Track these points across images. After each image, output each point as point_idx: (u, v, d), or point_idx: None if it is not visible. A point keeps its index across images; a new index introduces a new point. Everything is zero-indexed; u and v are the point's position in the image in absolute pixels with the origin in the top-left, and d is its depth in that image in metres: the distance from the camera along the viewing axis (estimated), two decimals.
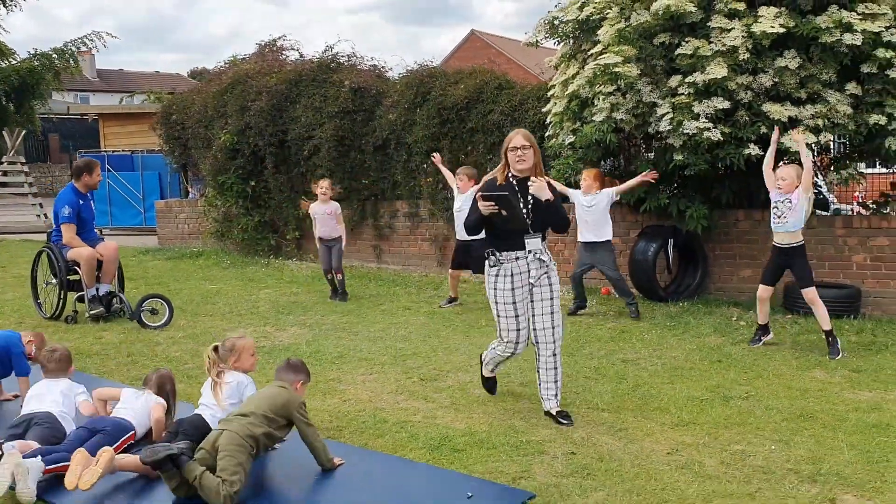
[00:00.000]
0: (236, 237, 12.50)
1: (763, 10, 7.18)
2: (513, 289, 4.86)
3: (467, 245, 8.20)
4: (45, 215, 18.60)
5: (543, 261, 4.94)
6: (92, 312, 7.93)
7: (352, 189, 11.54)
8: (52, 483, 4.01)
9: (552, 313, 4.93)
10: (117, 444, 4.36)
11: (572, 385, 5.70)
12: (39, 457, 4.09)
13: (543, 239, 4.99)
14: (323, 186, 9.18)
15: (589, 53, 8.01)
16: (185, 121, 13.45)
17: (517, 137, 4.90)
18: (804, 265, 6.57)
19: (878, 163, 8.93)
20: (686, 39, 7.44)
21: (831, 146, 8.24)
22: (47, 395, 4.70)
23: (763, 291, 6.69)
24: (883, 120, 7.21)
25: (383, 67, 12.00)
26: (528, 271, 4.90)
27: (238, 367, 4.59)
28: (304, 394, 4.44)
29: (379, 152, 11.31)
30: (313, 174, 11.17)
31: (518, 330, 4.91)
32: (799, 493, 3.86)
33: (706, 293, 8.88)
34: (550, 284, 4.94)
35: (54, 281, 8.22)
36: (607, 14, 7.78)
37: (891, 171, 8.82)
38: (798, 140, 6.47)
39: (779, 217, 6.49)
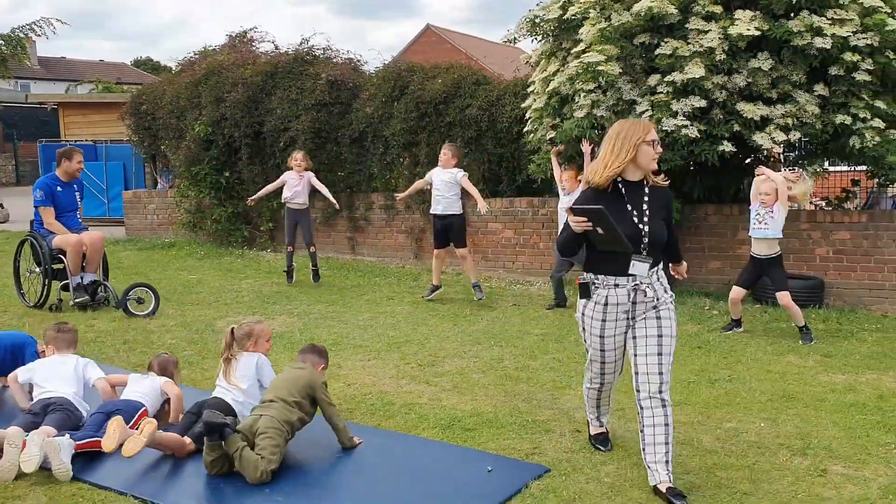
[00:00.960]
0: (209, 228, 12.51)
1: (739, 14, 7.51)
2: (603, 320, 3.92)
3: (445, 220, 8.43)
4: (1, 205, 18.29)
5: (652, 293, 3.86)
6: (77, 301, 7.95)
7: (327, 182, 11.61)
8: (85, 463, 4.13)
9: (659, 354, 3.84)
10: (133, 420, 4.50)
11: (565, 370, 5.97)
12: (68, 435, 4.21)
13: (656, 263, 3.92)
14: (297, 158, 9.53)
15: (571, 52, 8.28)
16: (156, 111, 13.38)
17: (653, 131, 3.84)
18: (780, 273, 7.06)
19: (837, 161, 9.38)
20: (665, 40, 7.75)
21: (798, 145, 8.63)
22: (60, 375, 4.75)
23: (735, 293, 7.13)
24: (848, 120, 7.59)
25: (359, 61, 12.14)
26: (630, 304, 3.87)
27: (254, 351, 4.74)
28: (323, 377, 4.62)
29: (355, 145, 11.45)
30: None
31: (603, 374, 4.16)
32: (792, 465, 4.17)
33: (677, 284, 9.22)
34: (659, 318, 3.87)
35: (38, 270, 8.21)
36: (589, 14, 8.05)
37: (851, 168, 9.27)
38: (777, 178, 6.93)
39: (759, 222, 6.97)
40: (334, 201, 9.76)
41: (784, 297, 6.95)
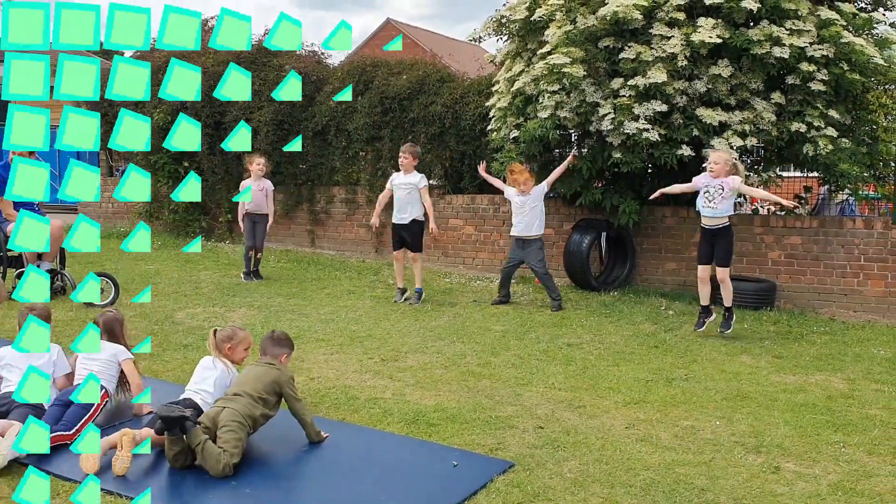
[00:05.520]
0: (167, 218, 12.37)
1: (702, 21, 7.69)
2: None
3: (405, 226, 8.41)
4: None
5: None
6: None
7: (288, 173, 11.62)
8: (49, 455, 4.09)
9: None
10: (93, 409, 4.47)
11: (526, 366, 6.06)
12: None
13: None
14: (260, 163, 9.45)
15: (536, 53, 8.38)
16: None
17: None
18: (728, 245, 6.98)
19: (790, 167, 9.66)
20: (629, 44, 7.90)
21: (755, 150, 8.85)
22: (24, 366, 4.68)
23: (702, 272, 7.09)
24: (802, 128, 7.83)
25: (323, 54, 12.11)
26: None
27: (230, 356, 4.72)
28: (287, 365, 4.62)
29: (318, 138, 11.42)
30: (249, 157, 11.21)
31: None
32: (747, 462, 4.32)
33: (634, 284, 9.42)
34: None
35: None
36: (556, 16, 8.15)
37: (804, 174, 9.54)
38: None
39: (709, 201, 6.87)
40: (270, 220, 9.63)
41: (723, 272, 6.95)
